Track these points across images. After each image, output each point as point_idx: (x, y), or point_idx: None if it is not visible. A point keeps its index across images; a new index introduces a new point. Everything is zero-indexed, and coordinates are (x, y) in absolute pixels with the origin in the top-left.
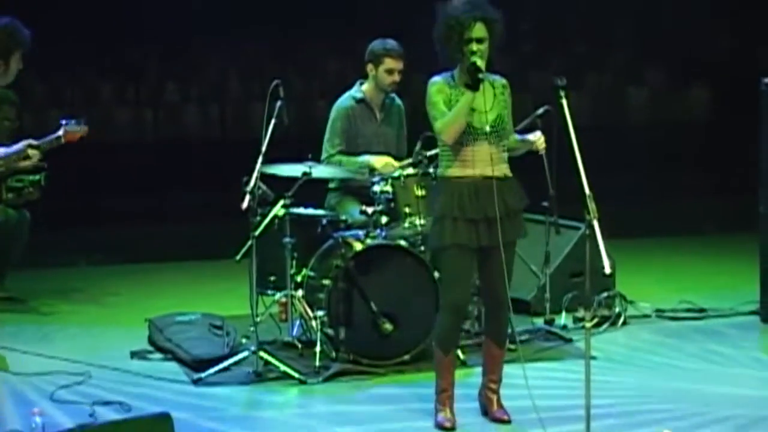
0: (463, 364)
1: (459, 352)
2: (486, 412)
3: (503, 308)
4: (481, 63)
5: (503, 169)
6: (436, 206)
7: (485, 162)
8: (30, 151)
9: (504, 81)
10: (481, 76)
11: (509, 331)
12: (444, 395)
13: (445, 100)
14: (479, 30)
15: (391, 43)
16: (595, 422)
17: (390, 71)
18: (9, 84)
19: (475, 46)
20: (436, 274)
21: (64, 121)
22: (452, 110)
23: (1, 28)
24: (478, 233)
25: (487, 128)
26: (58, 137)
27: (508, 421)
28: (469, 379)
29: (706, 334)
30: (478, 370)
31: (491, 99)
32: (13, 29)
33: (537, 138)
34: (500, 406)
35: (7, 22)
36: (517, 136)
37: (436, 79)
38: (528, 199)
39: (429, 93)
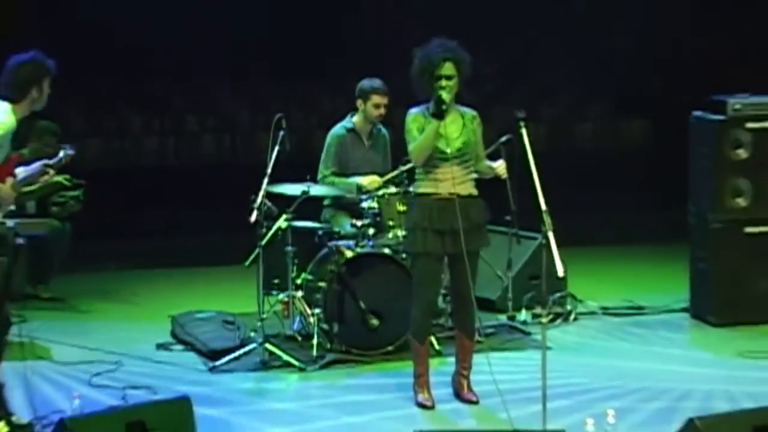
0: (438, 353)
1: (435, 343)
2: (458, 394)
3: (469, 306)
4: (446, 96)
5: (468, 188)
6: (410, 218)
7: (451, 181)
8: (48, 168)
9: (474, 113)
10: (444, 107)
11: (476, 325)
12: (421, 379)
13: (418, 128)
14: (448, 68)
15: (377, 82)
16: (550, 403)
17: (377, 105)
18: (43, 108)
19: (444, 82)
20: None
21: (66, 146)
22: (421, 136)
23: (29, 62)
24: (444, 242)
25: (454, 152)
26: (61, 159)
27: (477, 402)
28: (443, 368)
29: (644, 328)
30: (451, 359)
31: (460, 128)
32: (39, 60)
33: (498, 165)
34: (470, 389)
35: (32, 55)
36: (486, 161)
37: (413, 110)
38: (491, 214)
39: (406, 122)
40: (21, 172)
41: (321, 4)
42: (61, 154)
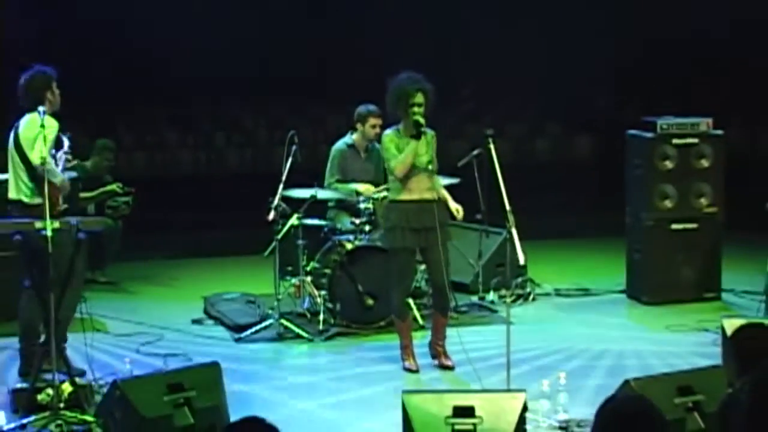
0: (422, 327)
1: (419, 318)
2: (435, 360)
3: (442, 289)
4: (422, 120)
5: (435, 194)
6: (389, 220)
7: (423, 189)
8: (68, 156)
9: (433, 132)
10: (423, 129)
11: (452, 305)
12: (407, 349)
13: (396, 146)
14: (419, 97)
15: (372, 107)
16: (513, 369)
17: (374, 126)
18: (58, 110)
19: (416, 109)
20: None
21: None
22: (402, 154)
23: (36, 74)
24: (419, 238)
25: (425, 165)
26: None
27: (453, 367)
28: (424, 340)
29: (590, 306)
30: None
31: (426, 145)
32: (42, 70)
33: (458, 212)
34: (446, 355)
35: (35, 69)
36: (443, 190)
37: (388, 132)
38: (464, 213)
39: (383, 142)
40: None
41: (328, 38)
42: (66, 141)
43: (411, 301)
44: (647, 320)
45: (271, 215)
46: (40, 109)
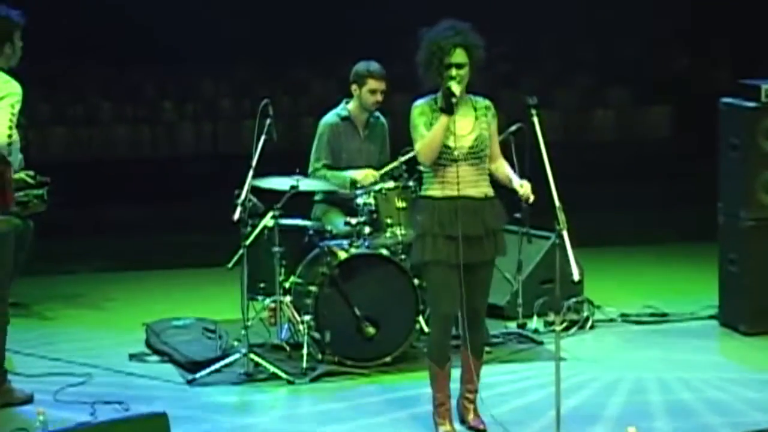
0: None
1: (424, 327)
2: (462, 420)
3: (480, 322)
4: (456, 88)
5: (483, 189)
6: (417, 224)
7: (464, 182)
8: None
9: (487, 102)
10: (454, 100)
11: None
12: (442, 408)
13: (425, 123)
14: (459, 55)
15: (374, 65)
16: (564, 420)
17: (373, 91)
18: (16, 66)
19: (454, 72)
20: (416, 281)
21: None
22: (429, 133)
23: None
24: (457, 250)
25: (465, 150)
26: None
27: (484, 431)
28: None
29: (669, 337)
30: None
31: (472, 121)
32: (4, 15)
33: (523, 188)
34: (476, 414)
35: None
36: (507, 170)
37: (419, 102)
38: (507, 215)
39: (412, 116)
40: None
41: None
42: None
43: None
44: (747, 357)
45: (237, 213)
46: None
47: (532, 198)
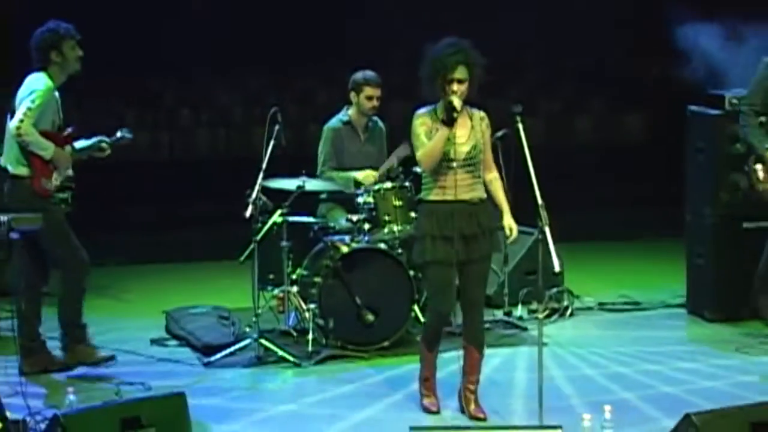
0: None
1: (420, 317)
2: (464, 410)
3: (479, 316)
4: (457, 102)
5: (477, 194)
6: (418, 227)
7: (460, 187)
8: (103, 145)
9: (482, 113)
10: (456, 114)
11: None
12: (428, 383)
13: (426, 132)
14: (461, 72)
15: (369, 73)
16: (546, 399)
17: (369, 98)
18: (75, 73)
19: (455, 86)
20: (411, 273)
21: (125, 129)
22: (429, 143)
23: (45, 30)
24: (452, 249)
25: (462, 158)
26: (118, 139)
27: (485, 419)
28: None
29: (641, 324)
30: (449, 355)
31: (468, 131)
32: (52, 27)
33: (511, 232)
34: (477, 405)
35: (46, 25)
36: (501, 196)
37: (421, 111)
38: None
39: (413, 125)
40: (80, 143)
41: None
42: (119, 134)
43: (420, 315)
44: (712, 341)
45: (249, 211)
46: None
47: (513, 240)
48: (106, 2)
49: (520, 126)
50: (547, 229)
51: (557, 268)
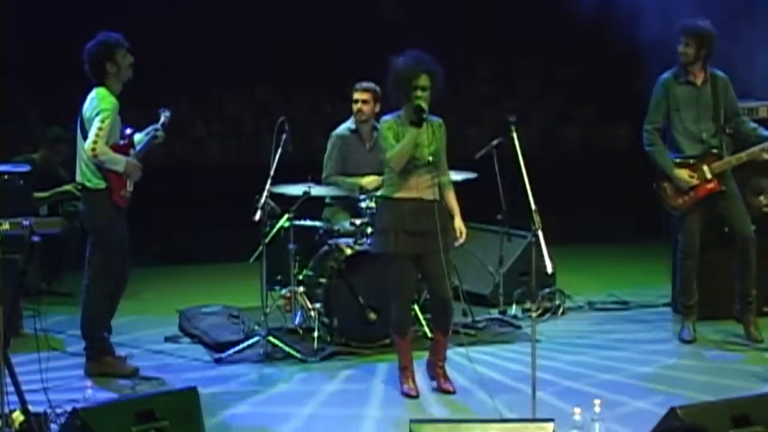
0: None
1: (426, 330)
2: (433, 380)
3: (443, 304)
4: (424, 105)
5: (436, 193)
6: (381, 220)
7: (424, 187)
8: (158, 134)
9: (440, 121)
10: (425, 115)
11: (468, 320)
12: (406, 371)
13: (394, 136)
14: (424, 80)
15: (364, 82)
16: (539, 393)
17: (356, 101)
18: (128, 80)
19: (420, 93)
20: None
21: (164, 109)
22: (400, 143)
23: (95, 44)
24: (415, 243)
25: (427, 159)
26: (164, 122)
27: (454, 392)
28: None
29: (629, 322)
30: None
31: (430, 136)
32: (102, 39)
33: (461, 235)
34: (447, 379)
35: (96, 38)
36: (454, 203)
37: (387, 118)
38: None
39: (381, 129)
40: (137, 137)
41: (323, 14)
42: (162, 118)
43: (420, 314)
44: (697, 338)
45: (258, 215)
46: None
47: (462, 242)
48: (126, 20)
49: (515, 135)
50: (540, 233)
51: (550, 270)
